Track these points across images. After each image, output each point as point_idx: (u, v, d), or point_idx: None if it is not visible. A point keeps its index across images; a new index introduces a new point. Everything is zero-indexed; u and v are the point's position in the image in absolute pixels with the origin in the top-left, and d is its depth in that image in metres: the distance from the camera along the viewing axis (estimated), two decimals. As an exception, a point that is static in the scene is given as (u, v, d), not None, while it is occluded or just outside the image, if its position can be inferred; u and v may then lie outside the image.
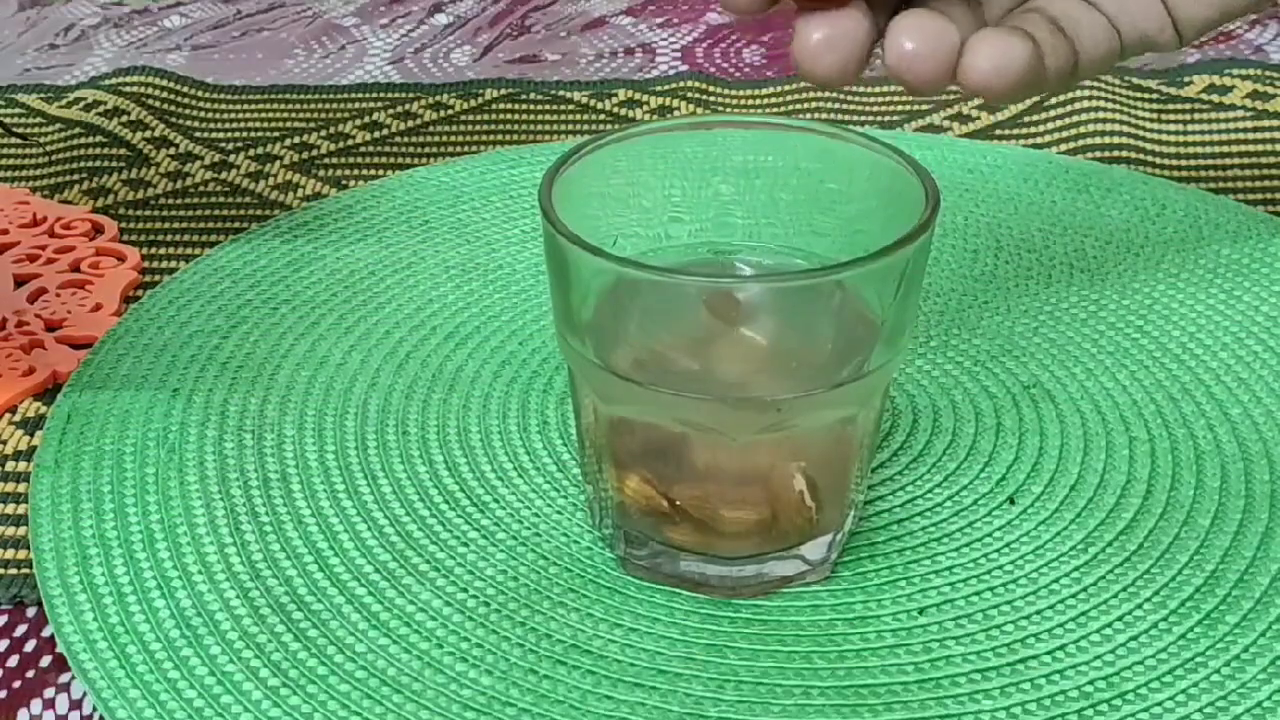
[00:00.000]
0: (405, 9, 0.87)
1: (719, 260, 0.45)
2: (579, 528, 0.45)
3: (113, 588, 0.43)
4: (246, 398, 0.51)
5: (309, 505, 0.46)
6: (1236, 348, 0.53)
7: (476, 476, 0.48)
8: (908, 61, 0.36)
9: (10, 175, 0.68)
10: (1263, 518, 0.45)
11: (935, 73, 0.37)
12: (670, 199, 0.44)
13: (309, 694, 0.39)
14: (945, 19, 0.37)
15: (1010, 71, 0.37)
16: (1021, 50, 0.37)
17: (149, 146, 0.69)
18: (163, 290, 0.57)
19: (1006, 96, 0.37)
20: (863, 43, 0.38)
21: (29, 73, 0.79)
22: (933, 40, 0.36)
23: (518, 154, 0.67)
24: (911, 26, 0.37)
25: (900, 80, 0.37)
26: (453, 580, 0.43)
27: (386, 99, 0.74)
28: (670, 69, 0.78)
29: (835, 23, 0.37)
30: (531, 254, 0.59)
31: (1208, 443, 0.48)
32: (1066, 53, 0.39)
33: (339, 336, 0.54)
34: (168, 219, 0.64)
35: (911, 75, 0.37)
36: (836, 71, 0.38)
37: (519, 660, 0.41)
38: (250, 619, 0.42)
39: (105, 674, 0.40)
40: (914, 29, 0.36)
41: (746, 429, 0.39)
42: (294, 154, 0.69)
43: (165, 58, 0.81)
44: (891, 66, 0.37)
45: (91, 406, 0.51)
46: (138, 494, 0.47)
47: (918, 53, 0.36)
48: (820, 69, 0.38)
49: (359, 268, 0.59)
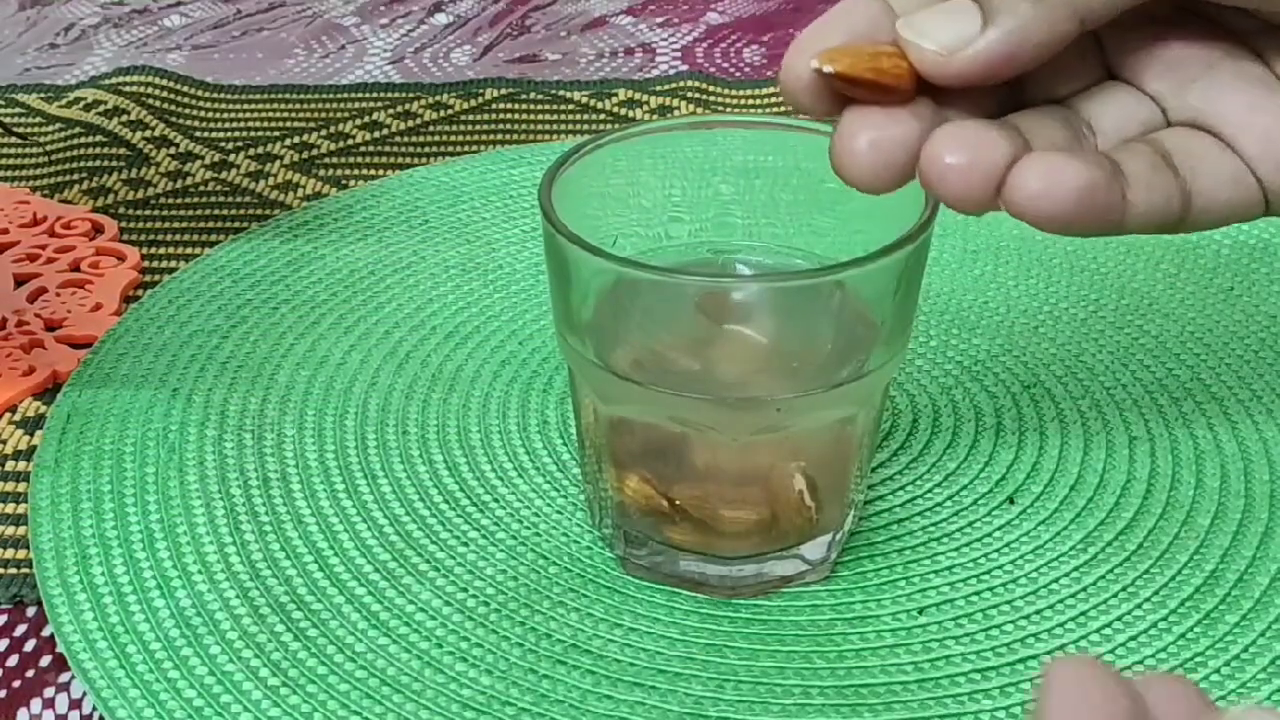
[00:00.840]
0: (405, 9, 0.87)
1: (719, 260, 0.45)
2: (579, 528, 0.45)
3: (112, 587, 0.43)
4: (246, 397, 0.51)
5: (309, 505, 0.46)
6: (1236, 347, 0.53)
7: (476, 476, 0.48)
8: (942, 174, 0.31)
9: (10, 175, 0.68)
10: (1262, 517, 0.45)
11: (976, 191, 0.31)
12: (670, 199, 0.44)
13: (309, 693, 0.39)
14: (997, 131, 0.32)
15: (1063, 198, 0.31)
16: (1080, 175, 0.31)
17: (149, 146, 0.69)
18: (163, 290, 0.57)
19: (1062, 226, 0.32)
20: (913, 148, 0.32)
21: (29, 72, 0.79)
22: (975, 153, 0.31)
23: (518, 154, 0.67)
24: (954, 137, 0.31)
25: (935, 195, 0.32)
26: (453, 580, 0.43)
27: (386, 99, 0.74)
28: (670, 69, 0.78)
29: (886, 126, 0.32)
30: (531, 254, 0.59)
31: (1208, 443, 0.48)
32: (1169, 192, 0.33)
33: (339, 336, 0.54)
34: (168, 219, 0.64)
35: (946, 191, 0.32)
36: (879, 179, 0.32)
37: (519, 660, 0.41)
38: (250, 619, 0.42)
39: (105, 673, 0.40)
40: (956, 140, 0.31)
41: (746, 429, 0.39)
42: (294, 154, 0.69)
43: (165, 57, 0.81)
44: (926, 178, 0.32)
45: (91, 406, 0.51)
46: (138, 493, 0.47)
47: (955, 166, 0.31)
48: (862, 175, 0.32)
49: (359, 268, 0.59)
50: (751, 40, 0.82)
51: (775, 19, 0.85)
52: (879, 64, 0.32)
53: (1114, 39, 0.34)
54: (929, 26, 0.32)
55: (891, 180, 0.32)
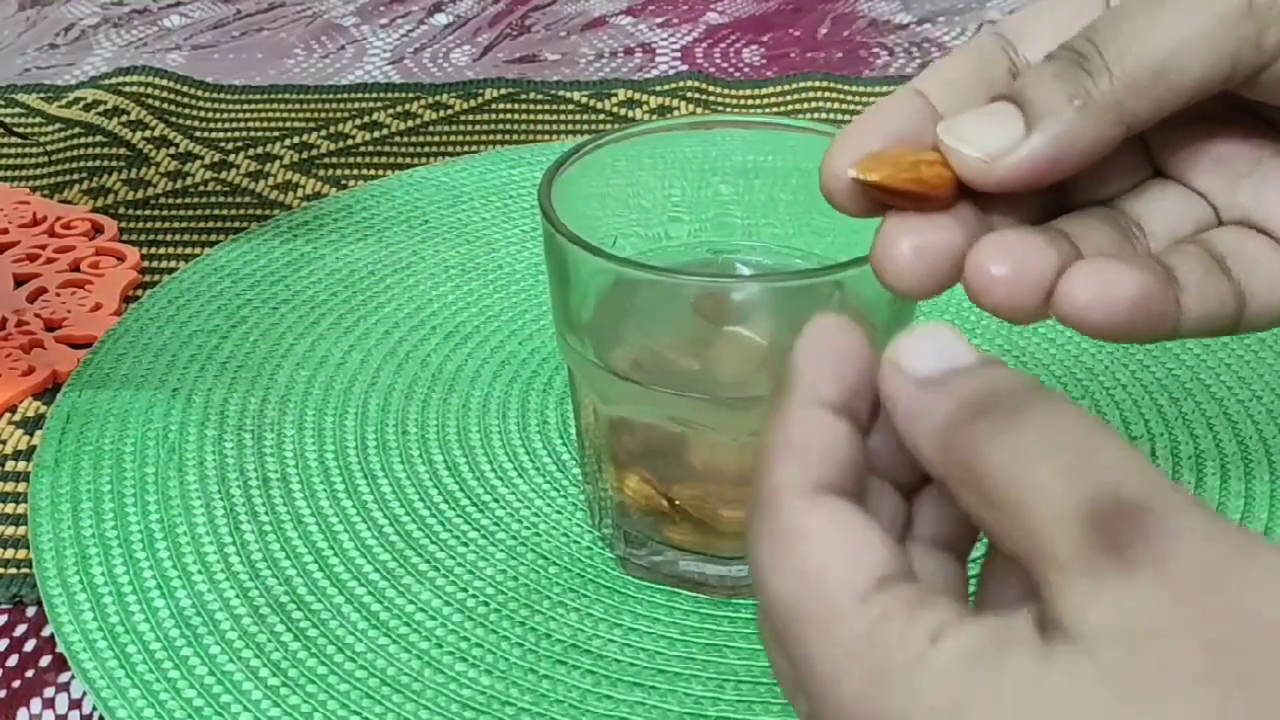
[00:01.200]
0: (405, 9, 0.87)
1: (718, 260, 0.45)
2: (579, 528, 0.45)
3: (112, 587, 0.43)
4: (246, 397, 0.51)
5: (309, 505, 0.46)
6: (1236, 347, 0.53)
7: (476, 476, 0.48)
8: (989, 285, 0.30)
9: (10, 175, 0.68)
10: (1262, 517, 0.45)
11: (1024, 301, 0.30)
12: (670, 199, 0.45)
13: (309, 693, 0.39)
14: (1044, 239, 0.31)
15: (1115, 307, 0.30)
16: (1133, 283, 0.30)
17: (149, 146, 0.69)
18: (162, 290, 0.57)
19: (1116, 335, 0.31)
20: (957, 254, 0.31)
21: (29, 72, 0.79)
22: (1022, 263, 0.30)
23: (517, 154, 0.67)
24: (999, 246, 0.30)
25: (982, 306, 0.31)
26: (452, 580, 0.43)
27: (386, 99, 0.74)
28: (670, 69, 0.78)
29: (928, 231, 0.31)
30: (531, 254, 0.59)
31: (1207, 443, 0.48)
32: (1224, 296, 0.32)
33: (339, 336, 0.54)
34: (167, 219, 0.64)
35: (994, 302, 0.31)
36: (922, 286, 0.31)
37: (519, 660, 0.41)
38: (250, 618, 0.42)
39: (105, 673, 0.40)
40: (1002, 250, 0.30)
41: (746, 429, 0.39)
42: (294, 154, 0.69)
43: (165, 57, 0.81)
44: (972, 290, 0.31)
45: (91, 406, 0.51)
46: (137, 494, 0.47)
47: (1002, 278, 0.30)
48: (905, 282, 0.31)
49: (359, 268, 0.59)
50: (751, 40, 0.82)
51: (775, 19, 0.85)
52: (919, 172, 0.30)
53: (1160, 136, 0.33)
54: (970, 131, 0.30)
55: (936, 286, 0.31)
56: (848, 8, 0.86)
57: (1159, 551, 0.23)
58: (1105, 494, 0.23)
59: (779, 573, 0.25)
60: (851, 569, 0.25)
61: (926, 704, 0.23)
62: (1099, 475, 0.24)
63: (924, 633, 0.24)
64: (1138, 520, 0.23)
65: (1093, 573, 0.23)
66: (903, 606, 0.24)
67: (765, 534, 0.26)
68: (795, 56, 0.80)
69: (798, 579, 0.25)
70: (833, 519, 0.25)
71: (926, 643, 0.24)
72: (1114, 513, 0.23)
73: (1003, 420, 0.25)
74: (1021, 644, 0.23)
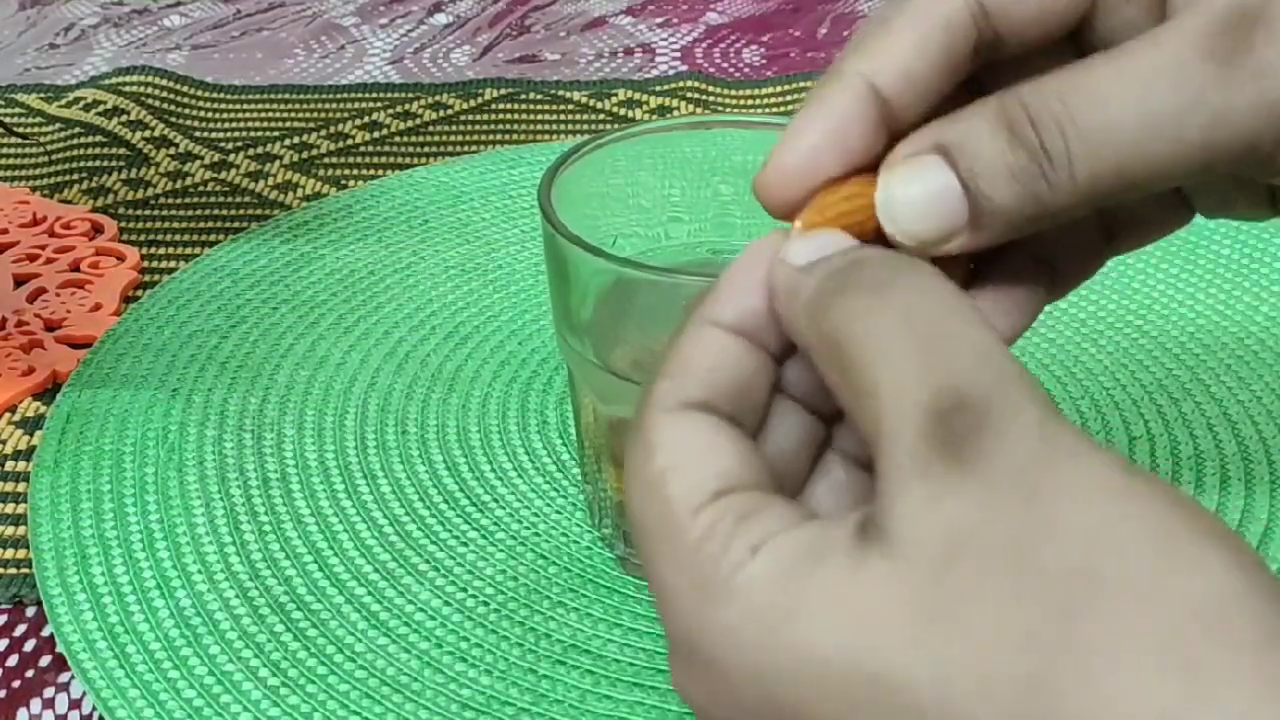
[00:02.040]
0: (405, 9, 0.87)
1: (718, 260, 0.45)
2: (578, 528, 0.45)
3: (112, 587, 0.43)
4: (246, 397, 0.51)
5: (308, 505, 0.46)
6: (1236, 348, 0.53)
7: (476, 476, 0.48)
8: None
9: (10, 175, 0.68)
10: (1262, 518, 0.45)
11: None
12: (670, 199, 0.44)
13: (308, 694, 0.39)
14: None
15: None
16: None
17: (149, 146, 0.69)
18: (162, 290, 0.57)
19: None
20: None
21: (29, 72, 0.79)
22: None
23: (517, 154, 0.67)
24: None
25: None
26: (452, 580, 0.43)
27: (386, 99, 0.74)
28: (670, 69, 0.78)
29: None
30: (531, 254, 0.59)
31: (1207, 443, 0.48)
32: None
33: (339, 336, 0.54)
34: (167, 219, 0.64)
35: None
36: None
37: (518, 660, 0.41)
38: (250, 619, 0.42)
39: (104, 673, 0.40)
40: None
41: (746, 429, 0.39)
42: (294, 154, 0.69)
43: (165, 57, 0.81)
44: None
45: (91, 406, 0.51)
46: (137, 494, 0.47)
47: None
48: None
49: (359, 268, 0.59)
50: (751, 40, 0.82)
51: (774, 19, 0.85)
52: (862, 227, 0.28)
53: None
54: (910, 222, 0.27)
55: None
56: (848, 8, 0.86)
57: (986, 454, 0.22)
58: (949, 388, 0.23)
59: (631, 484, 0.26)
60: (689, 480, 0.25)
61: (739, 617, 0.23)
62: (948, 366, 0.23)
63: (746, 544, 0.24)
64: (974, 419, 0.23)
65: (923, 473, 0.22)
66: (732, 518, 0.24)
67: (629, 445, 0.26)
68: (795, 56, 0.80)
69: (643, 490, 0.25)
70: (683, 432, 0.25)
71: (746, 554, 0.24)
72: (954, 409, 0.23)
73: (866, 296, 0.25)
74: (835, 552, 0.23)
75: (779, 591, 0.23)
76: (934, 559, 0.22)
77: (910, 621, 0.22)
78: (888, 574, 0.22)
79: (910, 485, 0.23)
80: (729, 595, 0.24)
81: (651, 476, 0.25)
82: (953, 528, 0.22)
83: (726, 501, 0.25)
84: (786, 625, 0.23)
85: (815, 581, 0.23)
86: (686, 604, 0.24)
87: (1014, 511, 0.22)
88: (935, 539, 0.22)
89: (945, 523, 0.22)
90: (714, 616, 0.24)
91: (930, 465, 0.23)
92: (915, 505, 0.23)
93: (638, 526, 0.25)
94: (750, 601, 0.23)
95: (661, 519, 0.25)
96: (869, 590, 0.22)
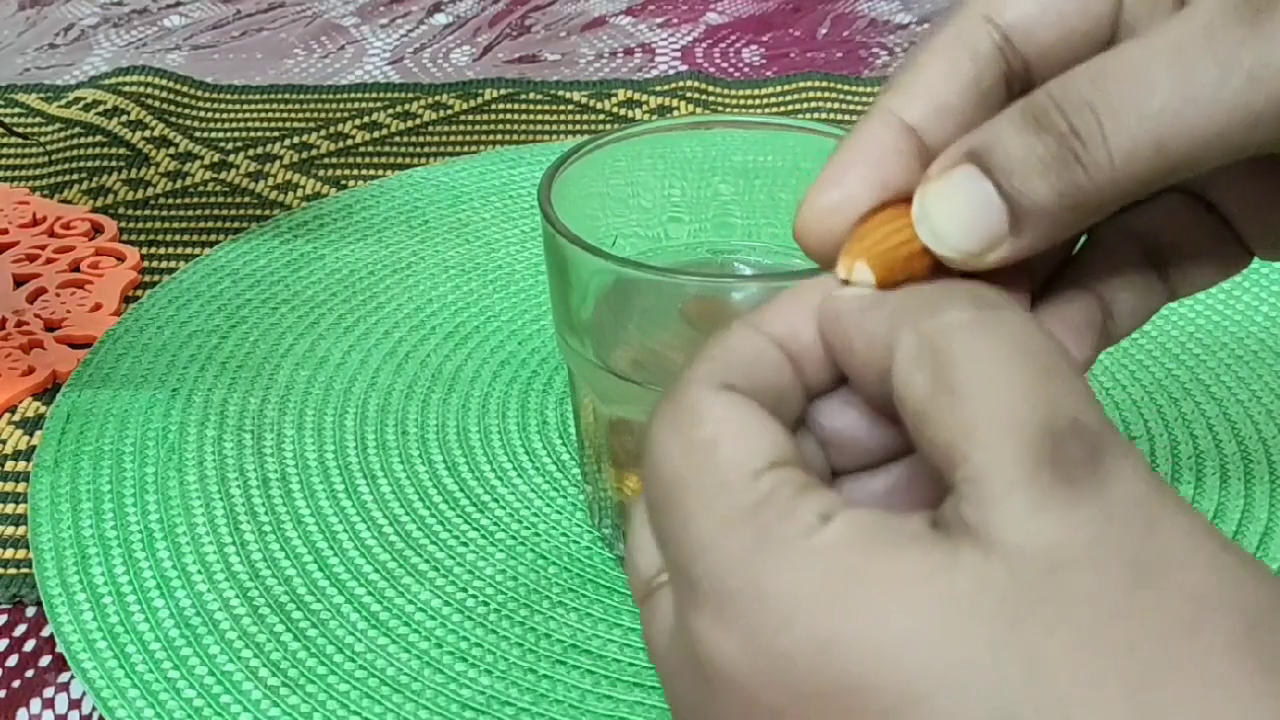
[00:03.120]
0: (405, 9, 0.87)
1: (718, 260, 0.45)
2: (578, 527, 0.45)
3: (112, 587, 0.43)
4: (246, 397, 0.51)
5: (308, 505, 0.46)
6: (1237, 347, 0.53)
7: (476, 477, 0.48)
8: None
9: (10, 175, 0.68)
10: (1261, 517, 0.45)
11: None
12: (669, 199, 0.44)
13: (308, 693, 0.39)
14: None
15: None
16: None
17: (149, 146, 0.69)
18: (162, 290, 0.57)
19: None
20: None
21: (29, 72, 0.79)
22: None
23: (517, 154, 0.67)
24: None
25: None
26: (452, 580, 0.43)
27: (386, 99, 0.74)
28: (669, 69, 0.78)
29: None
30: (531, 254, 0.59)
31: (1207, 443, 0.48)
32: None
33: (339, 336, 0.54)
34: (167, 219, 0.64)
35: None
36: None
37: (518, 660, 0.41)
38: (249, 619, 0.42)
39: (104, 673, 0.40)
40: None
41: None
42: (293, 154, 0.69)
43: (165, 57, 0.81)
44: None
45: (91, 406, 0.51)
46: (137, 494, 0.47)
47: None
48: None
49: (359, 268, 0.59)
50: (751, 40, 0.82)
51: (774, 19, 0.85)
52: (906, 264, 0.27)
53: None
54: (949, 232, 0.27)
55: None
56: (848, 8, 0.86)
57: (1102, 481, 0.23)
58: (1064, 413, 0.23)
59: (669, 446, 0.25)
60: (744, 447, 0.25)
61: (815, 577, 0.23)
62: (1062, 392, 0.23)
63: (814, 510, 0.24)
64: (1088, 448, 0.23)
65: (1031, 484, 0.22)
66: (794, 486, 0.24)
67: (665, 414, 0.26)
68: (795, 56, 0.80)
69: (685, 451, 0.25)
70: (733, 406, 0.25)
71: (816, 520, 0.23)
72: (1069, 433, 0.23)
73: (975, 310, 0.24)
74: (921, 539, 0.23)
75: (861, 559, 0.23)
76: (1042, 563, 0.22)
77: (1014, 610, 0.22)
78: (986, 566, 0.22)
79: (1014, 493, 0.22)
80: (800, 555, 0.23)
81: (700, 440, 0.25)
82: (1065, 539, 0.22)
83: (784, 472, 0.24)
84: (864, 594, 0.22)
85: (902, 557, 0.23)
86: (737, 556, 0.23)
87: (1134, 537, 0.22)
88: (1044, 547, 0.22)
89: (1056, 534, 0.22)
90: (778, 572, 0.23)
91: (1038, 478, 0.22)
92: (1022, 511, 0.22)
93: (676, 484, 0.25)
94: (826, 563, 0.23)
95: (712, 480, 0.24)
96: (967, 574, 0.22)
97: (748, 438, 0.25)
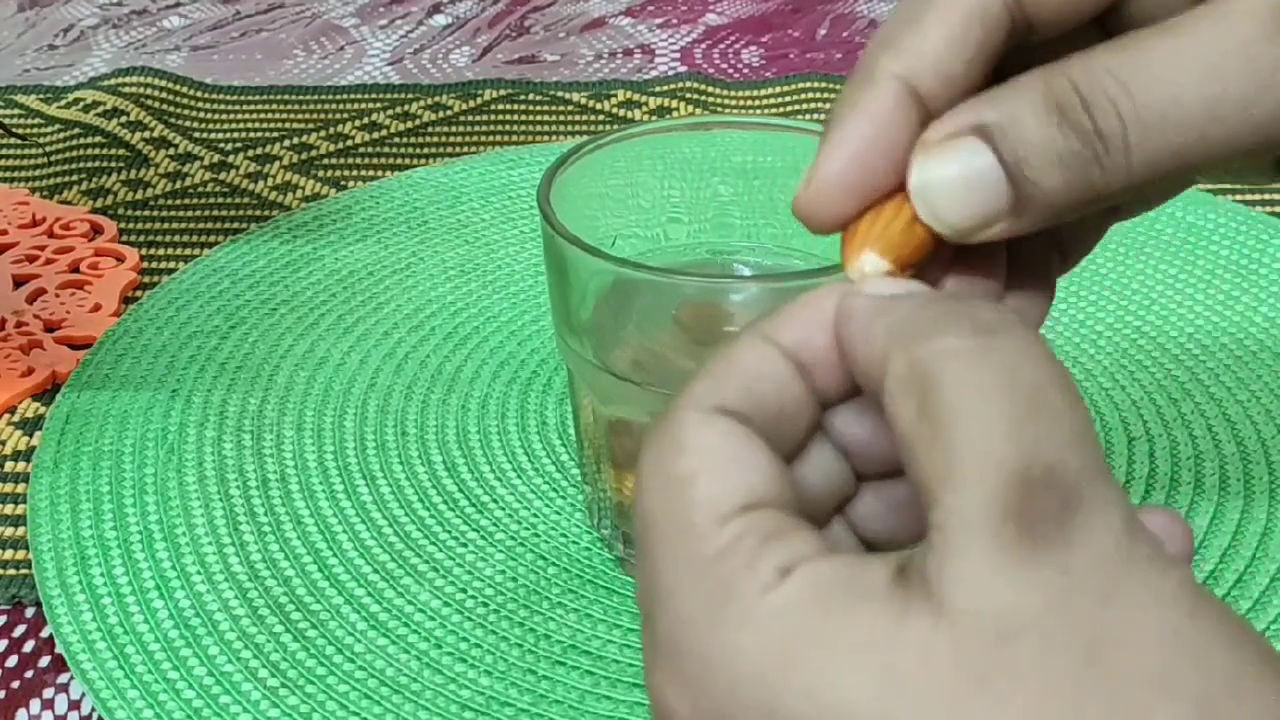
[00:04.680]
0: (404, 10, 0.87)
1: (717, 261, 0.45)
2: (577, 528, 0.45)
3: (111, 588, 0.43)
4: (246, 398, 0.51)
5: (308, 506, 0.46)
6: (1236, 348, 0.53)
7: (475, 477, 0.48)
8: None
9: (10, 175, 0.68)
10: (1261, 518, 0.45)
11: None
12: (669, 199, 0.44)
13: (307, 694, 0.39)
14: None
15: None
16: None
17: (148, 147, 0.69)
18: (161, 291, 0.57)
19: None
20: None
21: (28, 73, 0.79)
22: None
23: (517, 154, 0.67)
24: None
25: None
26: (451, 581, 0.43)
27: (385, 100, 0.74)
28: (669, 70, 0.78)
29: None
30: (531, 254, 0.59)
31: (1207, 443, 0.48)
32: None
33: (338, 337, 0.54)
34: (167, 219, 0.64)
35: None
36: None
37: (518, 661, 0.41)
38: (249, 620, 0.42)
39: (104, 674, 0.40)
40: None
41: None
42: (293, 154, 0.69)
43: (164, 58, 0.81)
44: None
45: (90, 407, 0.51)
46: (136, 494, 0.47)
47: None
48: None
49: (358, 268, 0.59)
50: (750, 41, 0.82)
51: (774, 20, 0.85)
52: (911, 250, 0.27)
53: None
54: (946, 208, 0.26)
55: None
56: (847, 8, 0.86)
57: (1068, 540, 0.22)
58: (1040, 461, 0.22)
59: (649, 480, 0.25)
60: (718, 487, 0.24)
61: (758, 641, 0.22)
62: (1044, 437, 0.22)
63: (773, 565, 0.23)
64: (1059, 502, 0.22)
65: (993, 539, 0.22)
66: (759, 535, 0.23)
67: (654, 441, 0.25)
68: (794, 57, 0.80)
69: (662, 488, 0.24)
70: (716, 437, 0.24)
71: (774, 575, 0.23)
72: (1041, 484, 0.22)
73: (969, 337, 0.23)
74: (873, 594, 0.22)
75: (809, 621, 0.22)
76: (989, 631, 0.21)
77: (954, 688, 0.21)
78: (932, 633, 0.22)
79: (974, 547, 0.22)
80: (750, 616, 0.23)
81: (677, 476, 0.24)
82: (1017, 605, 0.21)
83: (754, 517, 0.24)
84: (810, 660, 0.22)
85: (850, 620, 0.22)
86: (692, 613, 0.23)
87: (1088, 607, 0.21)
88: (994, 612, 0.21)
89: (1009, 598, 0.21)
90: (727, 635, 0.23)
91: (1001, 532, 0.22)
92: (977, 571, 0.22)
93: (648, 522, 0.24)
94: (775, 627, 0.22)
95: (681, 522, 0.24)
96: (911, 645, 0.21)
97: (725, 476, 0.24)
